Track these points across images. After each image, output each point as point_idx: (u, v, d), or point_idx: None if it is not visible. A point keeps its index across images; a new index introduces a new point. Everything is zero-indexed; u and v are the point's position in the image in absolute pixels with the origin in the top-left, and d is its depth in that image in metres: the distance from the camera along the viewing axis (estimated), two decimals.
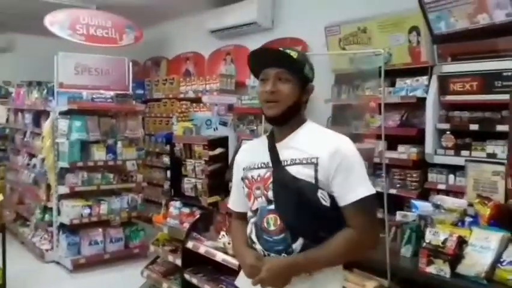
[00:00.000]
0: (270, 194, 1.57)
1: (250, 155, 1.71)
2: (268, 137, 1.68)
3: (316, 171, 1.51)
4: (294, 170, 1.53)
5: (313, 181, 1.51)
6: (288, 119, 1.59)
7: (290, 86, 1.56)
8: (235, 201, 1.79)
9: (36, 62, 6.25)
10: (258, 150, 1.67)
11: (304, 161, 1.53)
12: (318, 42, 4.41)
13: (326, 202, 1.52)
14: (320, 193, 1.51)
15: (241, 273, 1.66)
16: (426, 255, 2.13)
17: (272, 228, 1.55)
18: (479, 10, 2.86)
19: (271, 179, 1.58)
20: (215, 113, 4.33)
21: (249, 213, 1.66)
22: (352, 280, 2.34)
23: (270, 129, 1.73)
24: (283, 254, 1.52)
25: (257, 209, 1.61)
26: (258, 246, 1.59)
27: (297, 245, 1.51)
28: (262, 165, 1.62)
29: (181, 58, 6.91)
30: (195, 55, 6.63)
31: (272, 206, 1.56)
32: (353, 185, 1.50)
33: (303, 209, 1.52)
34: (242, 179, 1.69)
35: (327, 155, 1.51)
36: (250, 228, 1.63)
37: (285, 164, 1.56)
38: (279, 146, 1.62)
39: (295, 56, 1.57)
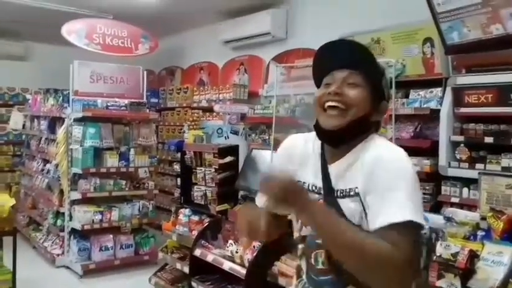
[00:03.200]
0: None
1: (301, 167, 1.38)
2: (321, 152, 1.35)
3: (362, 203, 1.21)
4: (345, 205, 1.24)
5: (365, 225, 1.20)
6: (349, 138, 1.26)
7: (361, 91, 1.24)
8: None
9: (53, 70, 6.36)
10: (310, 163, 1.36)
11: (351, 193, 1.23)
12: None
13: None
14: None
15: None
16: (437, 269, 2.08)
17: (320, 266, 1.30)
18: (492, 20, 2.83)
19: None
20: (226, 122, 4.34)
21: (297, 235, 1.39)
22: None
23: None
24: None
25: (305, 236, 1.36)
26: (305, 279, 1.38)
27: None
28: (314, 188, 1.33)
29: (195, 68, 6.97)
30: (209, 65, 6.68)
31: (321, 240, 1.28)
32: (392, 205, 1.15)
33: None
34: None
35: (371, 172, 1.19)
36: (301, 254, 1.40)
37: (338, 194, 1.27)
38: (331, 168, 1.30)
39: (372, 57, 1.28)
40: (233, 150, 3.67)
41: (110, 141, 4.97)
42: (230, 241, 3.15)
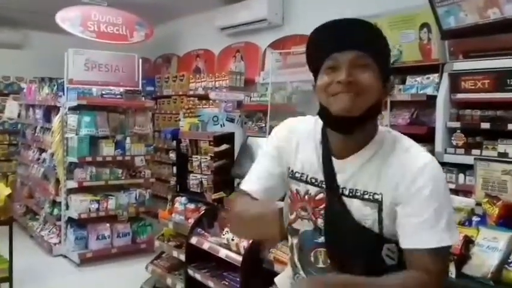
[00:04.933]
0: (320, 222, 1.21)
1: (300, 155, 1.26)
2: (323, 142, 1.22)
3: (380, 211, 1.13)
4: (354, 206, 1.15)
5: (377, 230, 1.13)
6: (361, 126, 1.13)
7: (372, 74, 1.10)
8: (264, 191, 1.28)
9: (49, 58, 6.30)
10: (310, 152, 1.24)
11: (366, 196, 1.14)
12: None
13: (394, 260, 1.16)
14: (386, 250, 1.15)
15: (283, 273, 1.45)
16: None
17: (321, 265, 1.24)
18: (489, 4, 2.79)
19: (323, 205, 1.20)
20: (222, 109, 4.31)
21: (288, 226, 1.30)
22: None
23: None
24: None
25: (298, 230, 1.28)
26: (303, 275, 1.30)
27: None
28: (313, 181, 1.22)
29: (191, 55, 6.91)
30: (205, 52, 6.62)
31: (322, 239, 1.21)
32: (428, 227, 1.07)
33: (361, 265, 1.16)
34: (286, 184, 1.30)
35: (398, 180, 1.10)
36: (292, 246, 1.32)
37: (343, 192, 1.17)
38: (338, 163, 1.19)
39: (376, 31, 1.12)
40: (229, 138, 3.64)
41: (105, 129, 4.95)
42: (226, 229, 3.15)
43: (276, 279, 1.52)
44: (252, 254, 2.85)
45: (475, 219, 2.21)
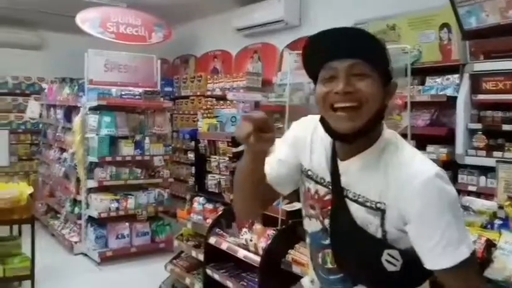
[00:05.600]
0: (327, 223, 1.22)
1: (312, 154, 1.26)
2: (332, 144, 1.21)
3: (383, 220, 1.10)
4: (356, 210, 1.14)
5: (378, 235, 1.11)
6: (365, 135, 1.11)
7: (371, 81, 1.07)
8: (274, 178, 1.29)
9: (68, 59, 6.40)
10: (320, 152, 1.24)
11: (368, 204, 1.12)
12: None
13: (396, 266, 1.12)
14: (386, 256, 1.12)
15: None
16: None
17: (330, 266, 1.24)
18: (511, 4, 2.75)
19: (329, 207, 1.21)
20: (240, 110, 4.33)
21: (304, 224, 1.33)
22: None
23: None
24: None
25: (308, 231, 1.31)
26: (315, 277, 1.33)
27: None
28: (322, 181, 1.23)
29: (209, 56, 6.95)
30: (222, 53, 6.66)
31: (328, 241, 1.22)
32: (443, 246, 1.05)
33: (363, 268, 1.17)
34: (301, 181, 1.31)
35: (403, 195, 1.07)
36: (309, 245, 1.33)
37: (347, 194, 1.16)
38: (342, 164, 1.18)
39: (373, 39, 1.08)
40: None
41: (125, 129, 5.02)
42: (244, 229, 3.16)
43: (302, 280, 1.54)
44: (270, 254, 2.87)
45: (497, 222, 2.18)
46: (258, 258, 2.92)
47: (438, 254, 1.05)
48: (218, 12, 6.39)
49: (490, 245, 2.01)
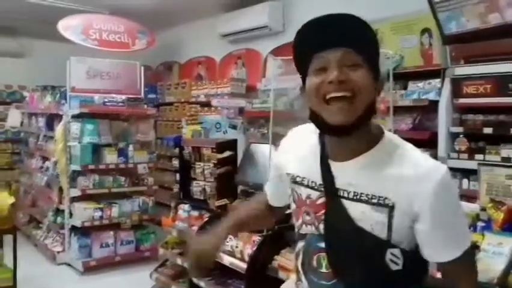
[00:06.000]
0: (322, 227, 1.18)
1: (299, 160, 1.25)
2: (320, 145, 1.19)
3: (391, 217, 1.07)
4: (358, 210, 1.10)
5: (382, 234, 1.08)
6: (358, 129, 1.08)
7: (365, 72, 1.04)
8: (272, 195, 1.45)
9: (51, 66, 6.34)
10: (308, 156, 1.21)
11: (374, 200, 1.08)
12: None
13: (398, 265, 1.10)
14: (389, 255, 1.09)
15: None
16: None
17: (324, 270, 1.19)
18: (490, 9, 2.80)
19: (323, 211, 1.17)
20: (224, 116, 4.32)
21: (296, 231, 1.29)
22: None
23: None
24: None
25: (305, 235, 1.25)
26: (304, 282, 1.26)
27: None
28: (313, 184, 1.19)
29: (193, 62, 6.94)
30: (206, 59, 6.65)
31: (323, 244, 1.18)
32: (453, 238, 1.09)
33: (363, 270, 1.13)
34: (291, 189, 1.29)
35: (414, 194, 1.05)
36: (298, 252, 1.29)
37: (344, 195, 1.13)
38: (336, 165, 1.15)
39: (366, 27, 1.05)
40: (231, 144, 3.65)
41: (108, 137, 4.96)
42: (230, 236, 3.14)
43: (282, 287, 1.53)
44: (256, 261, 2.85)
45: (480, 224, 2.20)
46: (244, 265, 2.91)
47: (450, 246, 1.09)
48: (202, 18, 6.40)
49: (474, 247, 2.02)
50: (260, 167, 3.37)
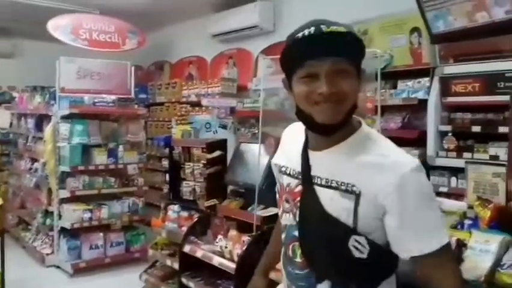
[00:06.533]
0: (298, 215, 1.22)
1: (286, 151, 1.33)
2: (305, 136, 1.25)
3: (357, 205, 1.10)
4: (328, 196, 1.14)
5: (348, 221, 1.11)
6: (343, 126, 1.14)
7: (352, 81, 1.10)
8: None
9: (41, 67, 6.28)
10: (293, 147, 1.27)
11: (343, 186, 1.12)
12: None
13: (362, 253, 1.12)
14: (353, 242, 1.11)
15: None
16: None
17: (298, 259, 1.23)
18: (478, 8, 2.81)
19: (299, 198, 1.22)
20: (215, 116, 4.30)
21: (282, 220, 1.33)
22: None
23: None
24: None
25: (286, 225, 1.29)
26: (283, 274, 1.32)
27: (323, 287, 1.19)
28: (293, 173, 1.25)
29: (184, 62, 6.91)
30: (197, 59, 6.63)
31: (297, 233, 1.23)
32: (421, 234, 1.09)
33: (330, 255, 1.16)
34: (277, 180, 1.35)
35: (380, 185, 1.07)
36: (283, 239, 1.33)
37: (318, 182, 1.17)
38: (314, 154, 1.20)
39: (352, 35, 1.10)
40: (221, 144, 3.63)
41: (98, 138, 4.91)
42: (219, 236, 3.13)
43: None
44: (246, 261, 2.83)
45: (467, 222, 2.20)
46: (233, 265, 2.89)
47: (419, 242, 1.08)
48: (193, 18, 6.37)
49: (461, 245, 2.02)
50: (250, 166, 3.36)
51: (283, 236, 1.31)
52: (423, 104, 3.39)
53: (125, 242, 5.02)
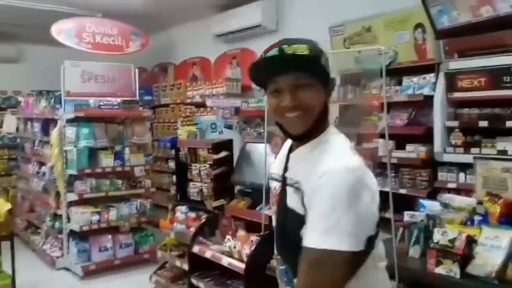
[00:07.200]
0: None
1: (278, 158, 1.43)
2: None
3: (302, 199, 1.18)
4: (290, 193, 1.24)
5: (301, 212, 1.17)
6: (314, 133, 1.24)
7: (314, 91, 1.20)
8: None
9: (46, 71, 6.31)
10: (284, 153, 1.38)
11: (296, 185, 1.22)
12: (323, 43, 4.36)
13: None
14: (304, 230, 1.16)
15: None
16: (434, 255, 2.08)
17: (277, 256, 1.36)
18: (482, 2, 2.80)
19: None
20: (220, 116, 4.31)
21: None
22: None
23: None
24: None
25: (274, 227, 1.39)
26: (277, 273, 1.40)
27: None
28: (277, 177, 1.36)
29: (187, 63, 6.92)
30: (201, 60, 6.63)
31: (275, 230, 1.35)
32: (314, 226, 1.11)
33: (290, 247, 1.22)
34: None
35: (311, 185, 1.15)
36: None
37: (287, 182, 1.27)
38: (291, 156, 1.31)
39: (309, 52, 1.18)
40: (227, 144, 3.64)
41: (104, 140, 4.93)
42: (228, 236, 3.14)
43: None
44: (254, 260, 2.84)
45: (476, 218, 2.20)
46: (242, 265, 2.90)
47: (308, 230, 1.12)
48: (196, 19, 6.38)
49: (471, 241, 2.02)
50: (257, 166, 3.37)
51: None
52: (429, 100, 3.38)
53: (134, 243, 5.04)
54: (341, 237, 1.06)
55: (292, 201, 1.22)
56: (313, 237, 1.09)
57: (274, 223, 1.37)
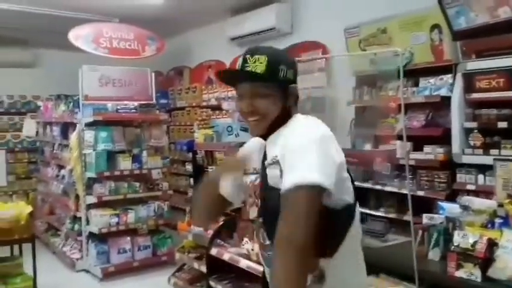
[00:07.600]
0: (259, 202, 1.43)
1: (255, 155, 1.52)
2: None
3: (281, 171, 1.27)
4: (270, 173, 1.34)
5: (281, 186, 1.25)
6: (276, 130, 1.38)
7: (269, 100, 1.35)
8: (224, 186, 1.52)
9: (62, 76, 6.41)
10: (257, 150, 1.49)
11: (274, 160, 1.32)
12: (338, 45, 4.37)
13: None
14: None
15: None
16: (455, 259, 2.07)
17: (267, 242, 1.40)
18: (499, 3, 2.78)
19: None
20: (236, 119, 4.33)
21: (249, 216, 1.64)
22: (378, 285, 2.29)
23: None
24: None
25: (253, 220, 1.54)
26: (263, 262, 1.49)
27: None
28: (255, 170, 1.47)
29: (203, 66, 6.97)
30: (216, 63, 6.68)
31: (261, 218, 1.42)
32: (287, 173, 1.22)
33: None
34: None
35: (282, 142, 1.31)
36: (255, 230, 1.57)
37: (267, 163, 1.37)
38: (266, 143, 1.43)
39: (261, 69, 1.33)
40: None
41: (122, 144, 5.00)
42: (245, 239, 3.16)
43: None
44: None
45: (497, 221, 2.18)
46: (261, 268, 2.91)
47: (285, 175, 1.21)
48: (210, 23, 6.43)
49: (492, 245, 2.01)
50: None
51: (255, 232, 1.55)
52: (446, 101, 3.36)
53: (152, 245, 5.09)
54: (309, 170, 1.17)
55: (273, 177, 1.31)
56: (286, 180, 1.19)
57: (253, 214, 1.48)
